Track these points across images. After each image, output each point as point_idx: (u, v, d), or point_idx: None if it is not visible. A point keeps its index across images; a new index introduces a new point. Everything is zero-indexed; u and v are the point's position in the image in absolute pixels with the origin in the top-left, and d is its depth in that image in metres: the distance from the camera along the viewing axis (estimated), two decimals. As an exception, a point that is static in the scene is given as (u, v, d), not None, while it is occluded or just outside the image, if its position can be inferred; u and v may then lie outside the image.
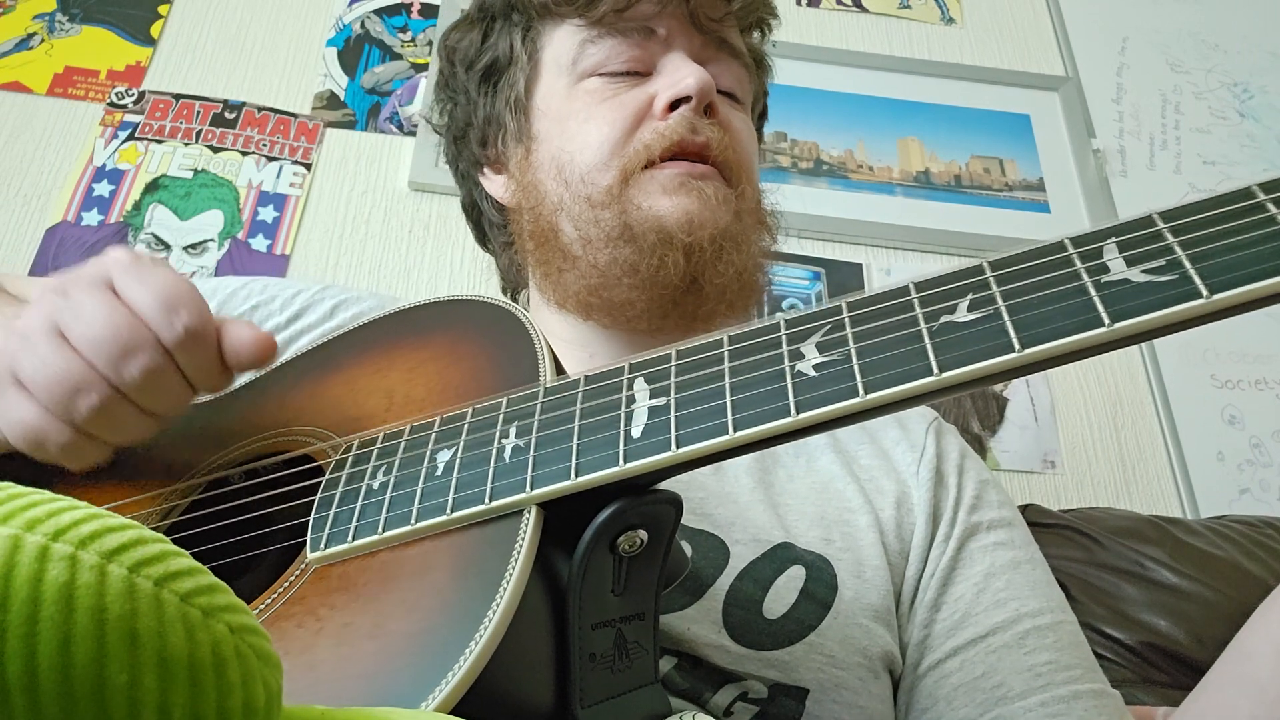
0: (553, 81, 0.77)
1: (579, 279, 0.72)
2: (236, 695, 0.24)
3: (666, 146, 0.70)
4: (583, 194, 0.71)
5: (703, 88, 0.71)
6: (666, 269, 0.69)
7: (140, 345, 0.47)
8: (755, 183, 0.77)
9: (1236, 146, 1.70)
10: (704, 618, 0.59)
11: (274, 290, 0.79)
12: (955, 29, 1.79)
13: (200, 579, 0.25)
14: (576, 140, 0.73)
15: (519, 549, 0.41)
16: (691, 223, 0.68)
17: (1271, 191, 0.38)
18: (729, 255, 0.70)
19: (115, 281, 0.49)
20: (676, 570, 0.49)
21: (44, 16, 1.56)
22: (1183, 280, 0.37)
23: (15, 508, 0.23)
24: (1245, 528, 1.17)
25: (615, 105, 0.73)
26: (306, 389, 0.58)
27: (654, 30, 0.74)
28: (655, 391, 0.44)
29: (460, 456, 0.46)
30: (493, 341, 0.53)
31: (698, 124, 0.71)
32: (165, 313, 0.48)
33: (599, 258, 0.71)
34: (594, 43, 0.75)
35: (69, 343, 0.48)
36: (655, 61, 0.74)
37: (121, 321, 0.47)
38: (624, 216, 0.70)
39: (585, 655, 0.43)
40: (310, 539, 0.47)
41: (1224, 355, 1.50)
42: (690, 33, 0.76)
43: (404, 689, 0.38)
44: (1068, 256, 0.39)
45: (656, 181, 0.70)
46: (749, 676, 0.58)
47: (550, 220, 0.74)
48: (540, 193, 0.75)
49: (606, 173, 0.71)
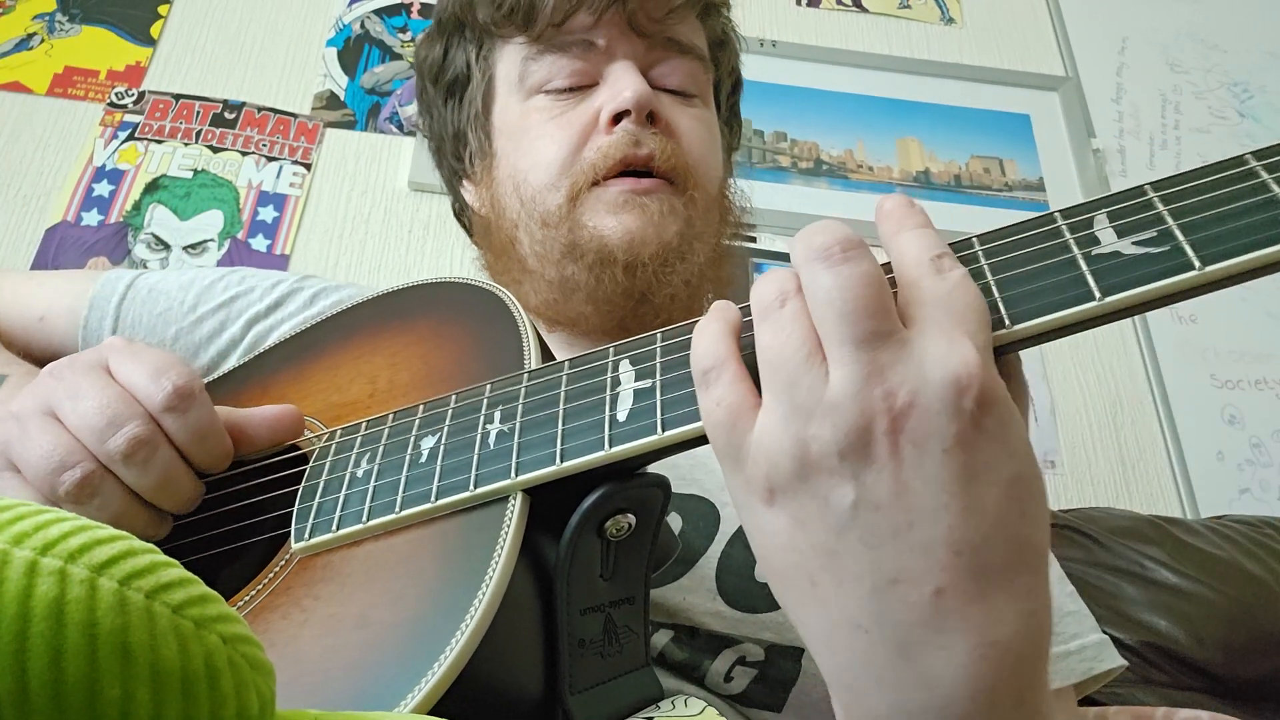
0: (506, 99, 0.78)
1: (535, 293, 0.74)
2: (230, 705, 0.24)
3: (610, 165, 0.71)
4: (536, 213, 0.73)
5: (639, 100, 0.71)
6: (604, 285, 0.70)
7: (128, 418, 0.46)
8: (711, 176, 0.77)
9: (1236, 146, 1.69)
10: (698, 586, 0.59)
11: (253, 281, 0.79)
12: (955, 29, 1.78)
13: (191, 590, 0.25)
14: (529, 159, 0.74)
15: (505, 536, 0.41)
16: (633, 241, 0.69)
17: (1264, 159, 0.37)
18: (674, 266, 0.70)
19: (110, 363, 0.49)
20: (665, 552, 0.49)
21: (44, 16, 1.56)
22: (1175, 252, 0.36)
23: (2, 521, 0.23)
24: (1245, 528, 1.16)
25: (562, 123, 0.73)
26: (289, 376, 0.58)
27: (593, 42, 0.75)
28: (640, 374, 0.43)
29: (444, 443, 0.46)
30: (477, 325, 0.53)
31: (641, 136, 0.71)
32: (154, 379, 0.48)
33: (550, 273, 0.72)
34: (535, 60, 0.75)
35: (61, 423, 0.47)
36: (600, 71, 0.75)
37: (112, 396, 0.47)
38: (571, 235, 0.71)
39: (574, 641, 0.43)
40: (294, 529, 0.47)
41: (1224, 355, 1.50)
42: (631, 39, 0.75)
43: (391, 679, 0.38)
44: (1057, 228, 0.39)
45: (602, 201, 0.70)
46: (745, 640, 0.58)
47: (510, 234, 0.75)
48: (502, 207, 0.76)
49: (556, 192, 0.72)
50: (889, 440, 0.34)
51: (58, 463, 0.46)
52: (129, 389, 0.48)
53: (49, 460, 0.46)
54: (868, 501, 0.34)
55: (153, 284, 0.78)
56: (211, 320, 0.76)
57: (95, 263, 1.36)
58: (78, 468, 0.46)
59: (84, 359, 0.50)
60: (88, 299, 0.77)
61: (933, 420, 0.34)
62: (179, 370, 0.48)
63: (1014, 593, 0.35)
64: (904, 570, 0.34)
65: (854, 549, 0.35)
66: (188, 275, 0.80)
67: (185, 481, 0.48)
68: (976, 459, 0.34)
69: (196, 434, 0.48)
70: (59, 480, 0.45)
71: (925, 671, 0.35)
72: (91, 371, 0.48)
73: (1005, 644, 0.34)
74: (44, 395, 0.48)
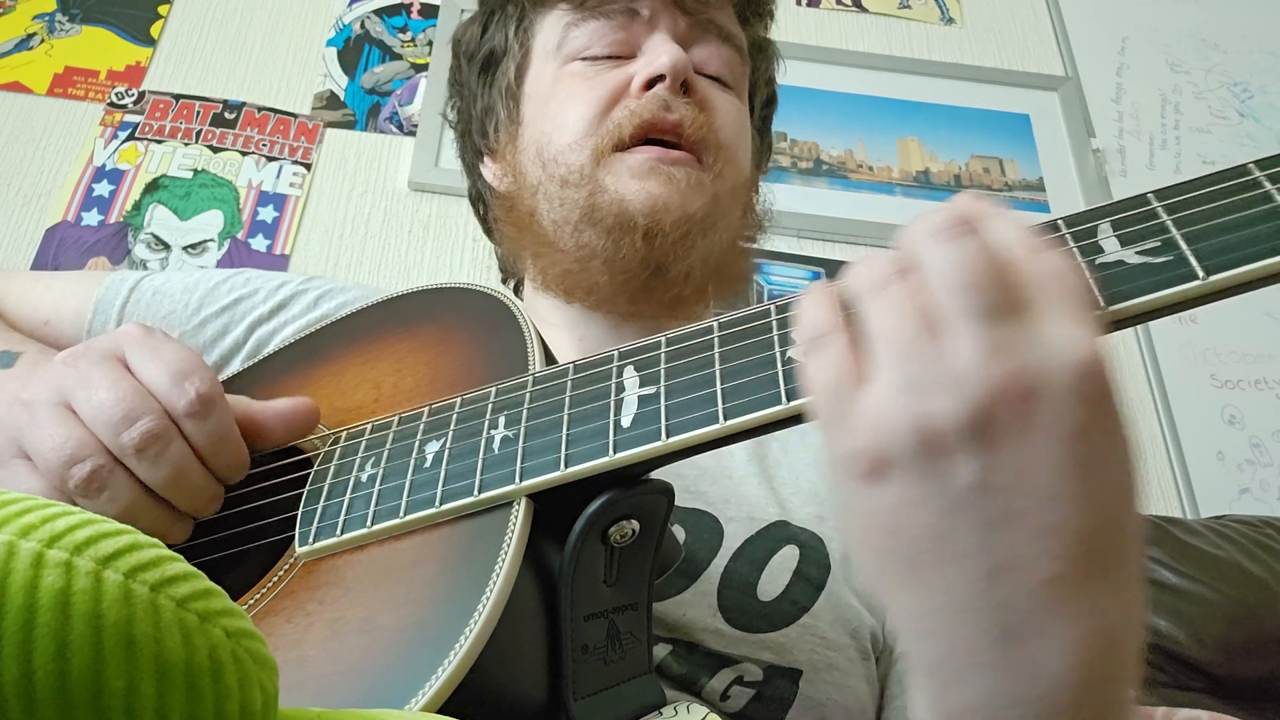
0: (540, 67, 0.78)
1: (554, 263, 0.73)
2: (233, 699, 0.24)
3: (638, 125, 0.69)
4: (556, 174, 0.71)
5: (676, 65, 0.70)
6: (623, 251, 0.68)
7: (143, 413, 0.46)
8: (739, 164, 0.76)
9: (1236, 146, 1.70)
10: (699, 602, 0.59)
11: (257, 283, 0.79)
12: (955, 29, 1.79)
13: (196, 584, 0.25)
14: (554, 121, 0.73)
15: (509, 541, 0.41)
16: (655, 207, 0.68)
17: (1268, 169, 0.37)
18: (694, 240, 0.69)
19: (127, 355, 0.49)
20: (669, 560, 0.49)
21: (44, 16, 1.56)
22: (1178, 261, 0.36)
23: (9, 514, 0.23)
24: (1245, 528, 1.16)
25: (593, 85, 0.73)
26: (294, 380, 0.58)
27: (637, 12, 0.75)
28: (645, 380, 0.43)
29: (449, 448, 0.46)
30: (481, 330, 0.53)
31: (672, 102, 0.70)
32: (175, 381, 0.47)
33: (567, 242, 0.71)
34: (577, 25, 0.75)
35: (75, 413, 0.47)
36: (639, 44, 0.74)
37: (127, 390, 0.46)
38: (591, 198, 0.69)
39: (578, 647, 0.43)
40: (299, 533, 0.47)
41: (1224, 355, 1.50)
42: (674, 14, 0.75)
43: (395, 683, 0.38)
44: (1060, 237, 0.39)
45: (626, 164, 0.69)
46: (744, 659, 0.58)
47: (530, 204, 0.74)
48: (523, 176, 0.75)
49: (579, 152, 0.71)
50: (1016, 421, 0.33)
51: (69, 455, 0.45)
52: (148, 387, 0.47)
53: (60, 452, 0.46)
54: (987, 483, 0.33)
55: (157, 286, 0.78)
56: (215, 324, 0.76)
57: (95, 263, 1.36)
58: (88, 461, 0.45)
59: (99, 348, 0.49)
60: (92, 303, 0.77)
61: (1060, 404, 0.33)
62: (201, 375, 0.48)
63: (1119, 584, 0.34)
64: (1016, 556, 0.33)
65: (965, 531, 0.34)
66: (192, 277, 0.80)
67: (200, 480, 0.48)
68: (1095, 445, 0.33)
69: (214, 438, 0.48)
70: (69, 473, 0.45)
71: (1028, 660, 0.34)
72: (106, 362, 0.48)
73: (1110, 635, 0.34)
74: (57, 384, 0.48)
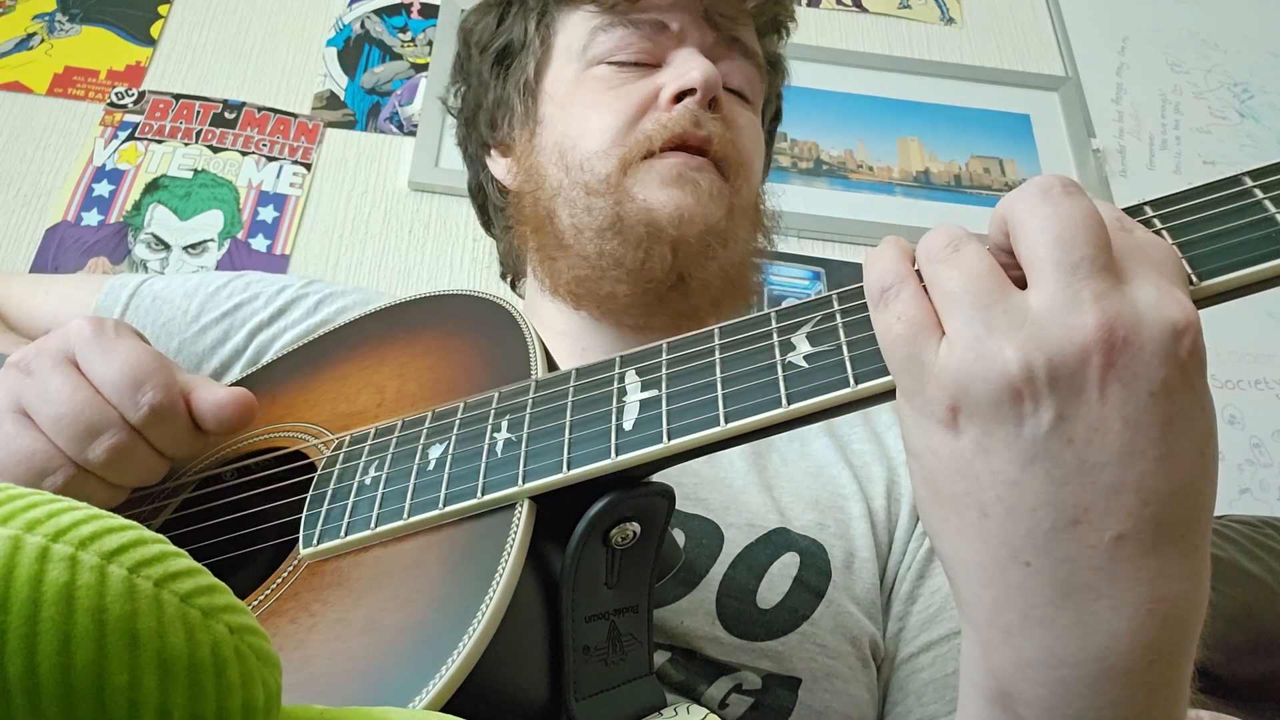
0: (562, 67, 0.77)
1: (569, 268, 0.73)
2: (236, 695, 0.24)
3: (668, 138, 0.70)
4: (581, 180, 0.71)
5: (708, 81, 0.71)
6: (653, 262, 0.69)
7: (105, 425, 0.46)
8: (754, 182, 0.77)
9: (1236, 146, 1.70)
10: (697, 609, 0.59)
11: (258, 287, 0.78)
12: (955, 29, 1.79)
13: (200, 579, 0.25)
14: (580, 126, 0.73)
15: (512, 542, 0.41)
16: (682, 217, 0.68)
17: (1260, 179, 0.38)
18: (715, 251, 0.70)
19: (78, 356, 0.48)
20: (670, 562, 0.49)
21: (44, 16, 1.56)
22: None
23: (15, 509, 0.23)
24: (1245, 528, 1.16)
25: (621, 94, 0.73)
26: (298, 385, 0.58)
27: (666, 24, 0.75)
28: (646, 384, 0.44)
29: (452, 451, 0.46)
30: (484, 336, 0.53)
31: (701, 117, 0.71)
32: (131, 390, 0.47)
33: (588, 248, 0.71)
34: (605, 30, 0.75)
35: (34, 424, 0.47)
36: (665, 55, 0.75)
37: (85, 400, 0.47)
38: (618, 207, 0.69)
39: (579, 648, 0.43)
40: (303, 535, 0.47)
41: (1224, 355, 1.50)
42: (703, 28, 0.76)
43: (398, 684, 0.38)
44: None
45: (655, 172, 0.70)
46: (743, 668, 0.58)
47: (548, 205, 0.74)
48: (541, 176, 0.75)
49: (606, 160, 0.71)
50: (1100, 373, 0.33)
51: (38, 469, 0.46)
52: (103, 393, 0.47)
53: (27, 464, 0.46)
54: (1064, 434, 0.33)
55: (157, 291, 0.78)
56: (215, 330, 0.75)
57: (95, 263, 1.36)
58: (59, 473, 0.46)
59: (50, 349, 0.49)
60: (91, 309, 0.77)
61: (1146, 361, 0.32)
62: (154, 380, 0.48)
63: (1186, 551, 0.34)
64: (1087, 510, 0.33)
65: (1037, 481, 0.33)
66: (192, 282, 0.79)
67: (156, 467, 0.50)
68: (1178, 408, 0.33)
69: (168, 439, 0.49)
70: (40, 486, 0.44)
71: (1087, 618, 0.34)
72: (59, 368, 0.48)
73: (1172, 601, 0.33)
74: (14, 392, 0.48)
